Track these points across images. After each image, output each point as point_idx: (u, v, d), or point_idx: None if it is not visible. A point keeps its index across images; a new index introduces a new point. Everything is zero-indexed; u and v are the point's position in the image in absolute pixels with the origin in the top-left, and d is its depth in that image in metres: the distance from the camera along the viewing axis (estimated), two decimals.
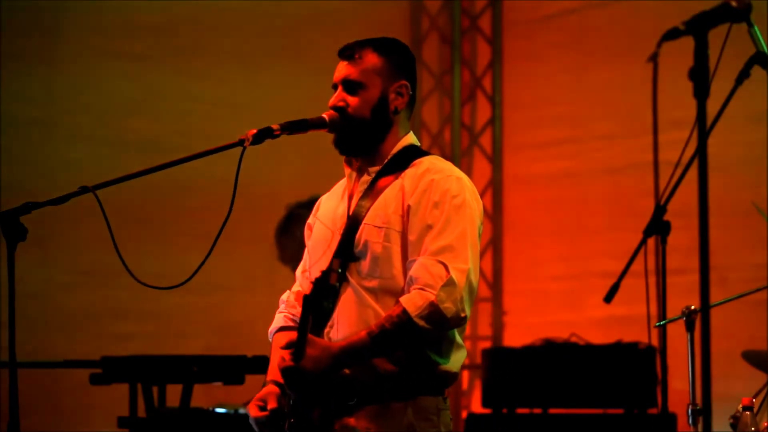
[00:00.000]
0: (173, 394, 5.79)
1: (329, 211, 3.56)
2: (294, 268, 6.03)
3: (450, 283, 3.27)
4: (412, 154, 3.51)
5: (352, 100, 3.46)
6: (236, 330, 7.60)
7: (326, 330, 3.42)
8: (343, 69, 3.49)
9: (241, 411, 5.78)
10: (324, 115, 3.47)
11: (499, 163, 8.88)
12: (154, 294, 3.55)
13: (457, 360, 3.42)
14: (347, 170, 3.57)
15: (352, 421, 3.37)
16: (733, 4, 2.58)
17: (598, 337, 7.25)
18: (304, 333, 3.27)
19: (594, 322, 7.70)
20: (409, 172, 3.44)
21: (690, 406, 3.63)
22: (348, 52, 3.49)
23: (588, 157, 8.23)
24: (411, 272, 3.33)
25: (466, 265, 3.32)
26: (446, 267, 3.29)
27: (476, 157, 8.98)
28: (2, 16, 6.99)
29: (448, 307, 3.27)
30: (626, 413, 6.82)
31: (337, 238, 3.46)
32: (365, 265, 3.40)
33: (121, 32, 7.47)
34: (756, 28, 3.11)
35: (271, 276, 6.28)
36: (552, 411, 7.09)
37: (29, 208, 3.19)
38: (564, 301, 8.14)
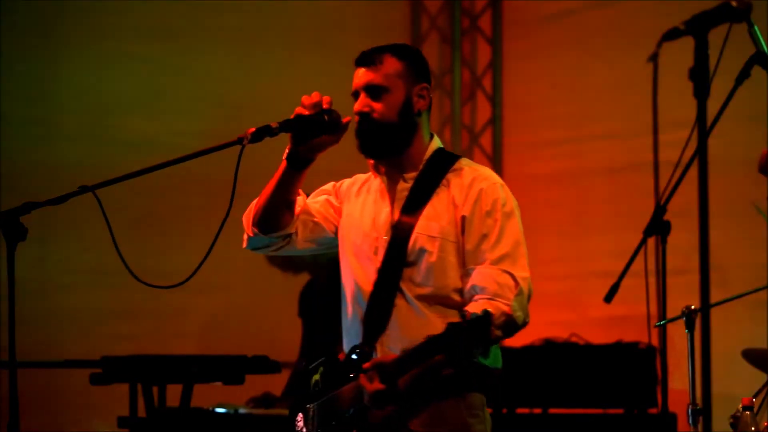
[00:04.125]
0: (173, 394, 5.78)
1: (367, 214, 3.57)
2: (283, 270, 6.06)
3: (520, 293, 3.39)
4: (445, 158, 3.58)
5: (378, 105, 3.49)
6: (236, 330, 7.59)
7: (380, 339, 3.46)
8: (363, 75, 3.52)
9: (242, 411, 5.77)
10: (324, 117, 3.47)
11: (499, 163, 8.87)
12: (154, 294, 3.55)
13: (498, 358, 3.52)
14: (375, 174, 3.60)
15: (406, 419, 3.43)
16: (733, 4, 2.58)
17: (598, 337, 7.25)
18: (412, 363, 3.28)
19: (594, 322, 7.70)
20: (454, 181, 3.50)
21: (690, 406, 3.63)
22: (367, 59, 3.53)
23: (588, 157, 8.22)
24: (474, 281, 3.40)
25: (527, 272, 3.43)
26: (513, 277, 3.38)
27: (476, 157, 8.97)
28: (2, 16, 6.98)
29: (519, 315, 3.39)
30: (626, 413, 6.81)
31: (384, 245, 3.49)
32: (419, 273, 3.45)
33: (121, 32, 7.47)
34: (756, 28, 3.10)
35: (271, 276, 6.27)
36: (552, 411, 7.09)
37: (29, 208, 3.19)
38: (564, 301, 8.13)
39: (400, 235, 3.47)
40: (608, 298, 3.42)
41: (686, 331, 3.73)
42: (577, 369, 7.01)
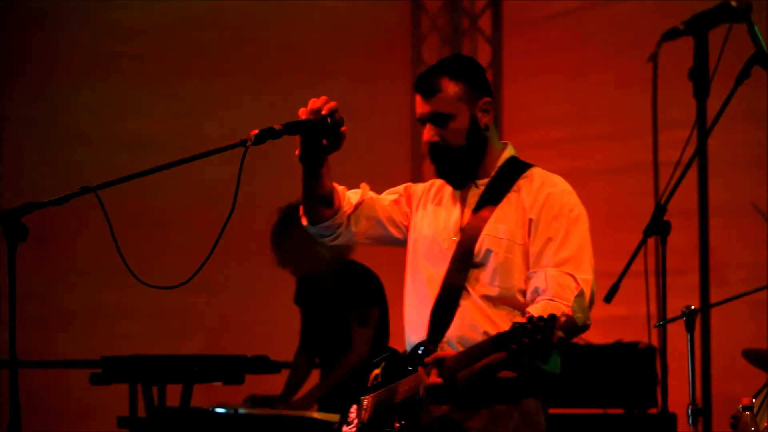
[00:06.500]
0: (173, 394, 5.78)
1: (439, 218, 3.62)
2: (294, 272, 6.04)
3: (581, 294, 3.42)
4: (517, 165, 3.62)
5: (445, 133, 3.53)
6: (236, 330, 7.60)
7: (444, 339, 3.50)
8: (425, 104, 3.56)
9: (241, 411, 5.77)
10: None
11: None
12: (154, 294, 3.56)
13: (557, 364, 3.56)
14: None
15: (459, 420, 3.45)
16: (733, 4, 2.58)
17: (598, 337, 7.24)
18: (472, 360, 3.30)
19: (594, 322, 7.66)
20: (524, 186, 3.55)
21: (690, 406, 3.63)
22: (424, 87, 3.56)
23: (588, 157, 8.22)
24: (536, 283, 3.44)
25: (590, 275, 3.48)
26: (575, 278, 3.42)
27: None
28: (2, 16, 6.99)
29: (579, 317, 3.42)
30: (626, 413, 6.81)
31: (453, 246, 3.53)
32: (485, 274, 3.49)
33: (121, 32, 7.47)
34: (756, 28, 3.10)
35: (271, 276, 6.26)
36: (552, 411, 7.06)
37: (31, 208, 3.19)
38: None
39: (468, 236, 3.52)
40: (608, 298, 3.42)
41: (686, 331, 3.73)
42: (577, 369, 7.01)
